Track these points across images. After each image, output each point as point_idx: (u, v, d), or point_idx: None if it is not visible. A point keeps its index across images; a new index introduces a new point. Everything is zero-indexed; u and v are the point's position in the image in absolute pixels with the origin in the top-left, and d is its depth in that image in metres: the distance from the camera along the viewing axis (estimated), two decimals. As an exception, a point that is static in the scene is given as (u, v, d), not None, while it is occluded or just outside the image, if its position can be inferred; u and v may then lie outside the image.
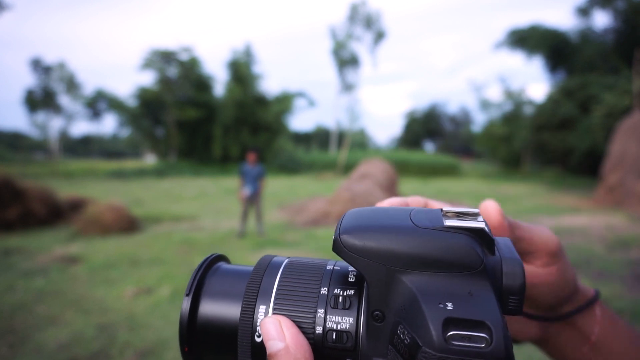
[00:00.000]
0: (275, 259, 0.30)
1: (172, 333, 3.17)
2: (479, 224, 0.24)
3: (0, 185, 6.98)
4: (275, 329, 0.24)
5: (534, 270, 0.34)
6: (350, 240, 0.24)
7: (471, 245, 0.23)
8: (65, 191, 9.98)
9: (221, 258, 0.33)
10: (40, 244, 6.05)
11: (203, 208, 10.47)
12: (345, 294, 0.25)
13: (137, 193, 14.10)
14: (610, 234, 7.59)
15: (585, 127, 21.48)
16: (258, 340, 0.26)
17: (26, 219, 7.19)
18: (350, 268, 0.27)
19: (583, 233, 7.68)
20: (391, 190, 11.43)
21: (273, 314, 0.26)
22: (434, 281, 0.22)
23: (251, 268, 0.29)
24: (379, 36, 30.54)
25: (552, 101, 24.29)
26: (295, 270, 0.28)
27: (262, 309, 0.26)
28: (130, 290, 4.05)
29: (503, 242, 0.26)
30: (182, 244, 6.19)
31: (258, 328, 0.26)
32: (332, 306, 0.25)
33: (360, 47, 31.57)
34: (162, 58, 27.67)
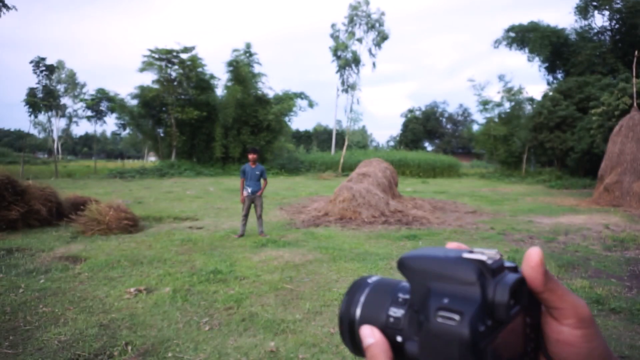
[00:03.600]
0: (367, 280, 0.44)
1: (172, 332, 3.21)
2: (482, 256, 0.35)
3: (2, 185, 7.01)
4: (368, 331, 0.38)
5: (561, 329, 0.38)
6: (405, 261, 0.37)
7: (475, 272, 0.34)
8: (67, 191, 10.01)
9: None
10: (42, 244, 6.08)
11: (204, 208, 10.51)
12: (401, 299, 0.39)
13: (138, 193, 14.14)
14: (608, 233, 7.62)
15: (583, 128, 21.50)
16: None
17: (28, 218, 7.23)
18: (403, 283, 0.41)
19: (581, 232, 7.71)
20: (391, 190, 11.46)
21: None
22: (444, 286, 0.34)
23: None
24: (382, 38, 30.49)
25: (551, 101, 24.31)
26: (377, 288, 0.42)
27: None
28: (132, 290, 4.09)
29: (509, 276, 0.35)
30: (182, 243, 6.23)
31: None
32: (395, 306, 0.39)
33: (361, 47, 31.51)
34: (163, 58, 27.66)
